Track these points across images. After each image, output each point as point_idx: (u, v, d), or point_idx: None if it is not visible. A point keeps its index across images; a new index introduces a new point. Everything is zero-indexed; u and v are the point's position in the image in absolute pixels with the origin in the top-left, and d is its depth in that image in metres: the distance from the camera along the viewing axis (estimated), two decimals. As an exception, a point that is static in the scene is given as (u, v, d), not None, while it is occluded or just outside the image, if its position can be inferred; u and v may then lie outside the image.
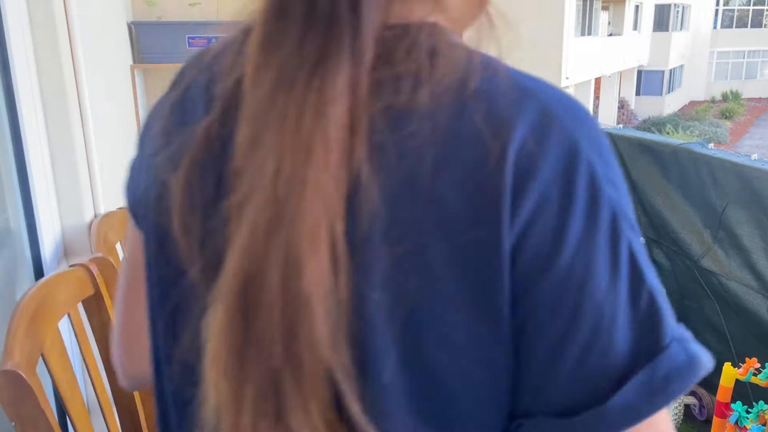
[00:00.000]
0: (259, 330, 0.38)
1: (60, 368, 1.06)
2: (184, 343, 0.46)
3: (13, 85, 1.46)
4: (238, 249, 0.39)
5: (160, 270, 0.50)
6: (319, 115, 0.38)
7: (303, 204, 0.37)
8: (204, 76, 0.52)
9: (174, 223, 0.45)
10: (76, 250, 1.68)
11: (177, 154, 0.47)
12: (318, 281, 0.37)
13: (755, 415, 1.76)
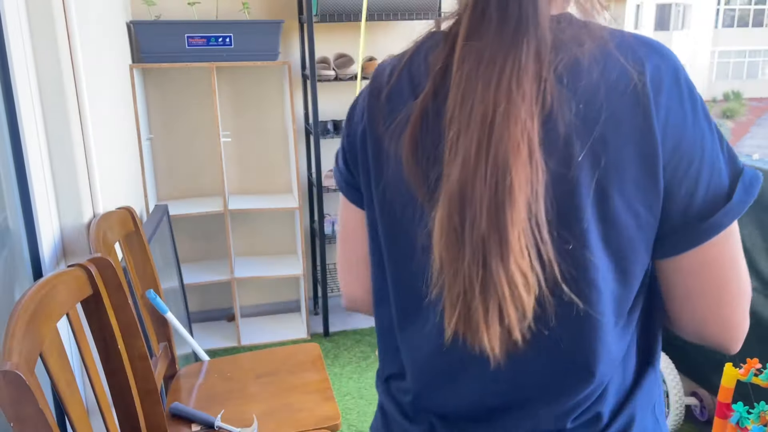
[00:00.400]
0: (474, 210, 0.60)
1: (59, 368, 1.06)
2: (412, 251, 0.69)
3: (13, 85, 1.46)
4: (457, 164, 0.60)
5: (389, 204, 0.71)
6: (517, 74, 0.59)
7: (507, 130, 0.58)
8: (406, 72, 0.71)
9: (405, 164, 0.67)
10: (75, 251, 1.68)
11: (401, 123, 0.68)
12: (522, 175, 0.58)
13: (756, 416, 1.75)
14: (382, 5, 2.87)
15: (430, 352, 0.73)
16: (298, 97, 3.15)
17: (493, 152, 0.59)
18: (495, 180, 0.59)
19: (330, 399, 1.73)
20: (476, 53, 0.61)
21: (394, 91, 0.71)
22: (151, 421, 1.44)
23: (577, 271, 0.62)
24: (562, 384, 0.68)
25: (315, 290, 3.42)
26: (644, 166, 0.61)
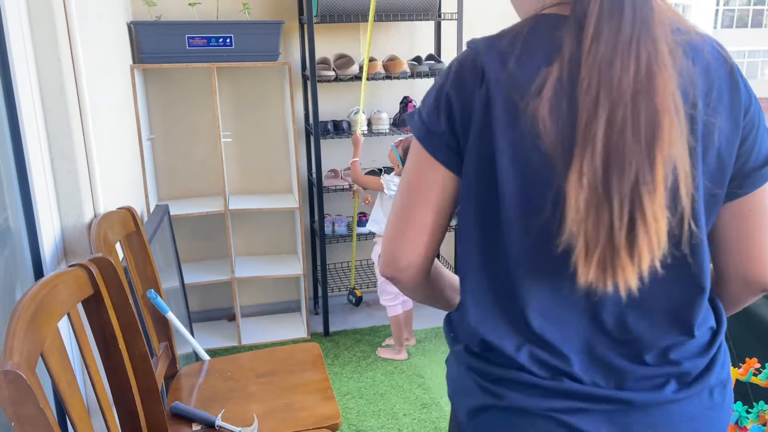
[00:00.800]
0: (622, 163, 0.73)
1: (60, 368, 1.06)
2: (544, 208, 0.78)
3: (14, 85, 1.46)
4: (601, 124, 0.73)
5: (521, 164, 0.79)
6: (654, 48, 0.74)
7: (654, 91, 0.73)
8: (532, 45, 0.80)
9: (543, 125, 0.76)
10: (76, 250, 1.68)
11: (537, 88, 0.77)
12: (669, 128, 0.73)
13: (755, 416, 1.76)
14: (382, 5, 2.88)
15: (563, 299, 0.83)
16: (299, 97, 3.16)
17: (643, 109, 0.73)
18: (644, 134, 0.73)
19: (330, 398, 1.73)
20: (612, 31, 0.75)
21: (525, 61, 0.79)
22: (151, 421, 1.45)
23: (695, 206, 0.79)
24: (688, 302, 0.83)
25: (315, 290, 3.42)
26: (732, 126, 0.81)
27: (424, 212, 0.86)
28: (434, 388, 2.67)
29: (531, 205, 0.80)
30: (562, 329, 0.83)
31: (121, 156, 2.30)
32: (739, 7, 29.74)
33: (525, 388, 0.83)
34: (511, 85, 0.78)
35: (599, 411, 0.81)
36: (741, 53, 29.36)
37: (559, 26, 0.80)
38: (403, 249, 0.88)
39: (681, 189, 0.75)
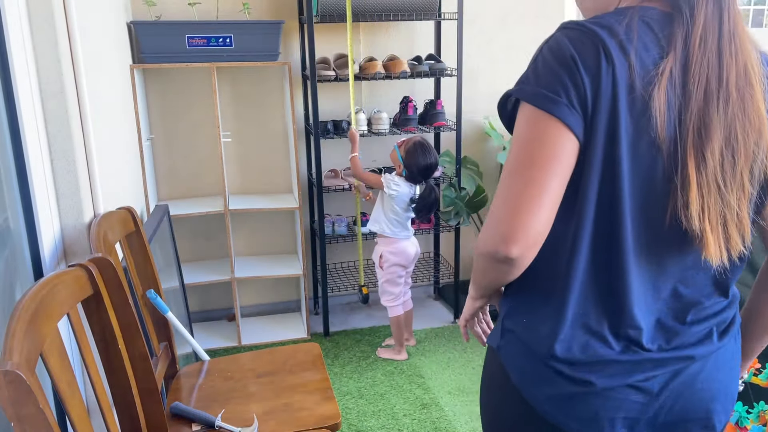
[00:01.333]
0: (733, 148, 0.86)
1: (59, 368, 1.06)
2: (655, 182, 0.88)
3: (13, 85, 1.46)
4: (720, 112, 0.85)
5: (633, 147, 0.86)
6: (747, 52, 0.87)
7: (753, 86, 0.86)
8: (643, 35, 0.87)
9: (658, 113, 0.84)
10: (76, 251, 1.68)
11: (654, 75, 0.85)
12: (764, 120, 0.87)
13: (756, 416, 1.76)
14: (382, 5, 2.88)
15: (660, 268, 0.93)
16: (299, 97, 3.16)
17: (748, 106, 0.86)
18: (747, 128, 0.86)
19: (330, 398, 1.73)
20: (715, 34, 0.86)
21: (639, 50, 0.86)
22: (151, 421, 1.45)
23: (762, 197, 0.94)
24: (731, 270, 0.96)
25: (315, 290, 3.42)
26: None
27: (557, 179, 0.85)
28: (434, 388, 2.67)
29: (639, 187, 0.88)
30: (641, 305, 0.93)
31: (121, 156, 2.30)
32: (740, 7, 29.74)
33: (607, 366, 0.92)
34: (633, 72, 0.84)
35: (668, 371, 0.94)
36: (741, 53, 29.35)
37: (667, 21, 0.88)
38: (537, 218, 0.84)
39: (763, 175, 0.90)
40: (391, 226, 2.76)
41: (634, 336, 0.93)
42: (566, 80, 0.84)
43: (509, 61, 3.41)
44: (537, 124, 0.85)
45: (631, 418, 0.94)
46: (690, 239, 0.89)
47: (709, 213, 0.86)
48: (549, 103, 0.84)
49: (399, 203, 2.71)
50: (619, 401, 0.93)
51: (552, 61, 0.86)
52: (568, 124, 0.84)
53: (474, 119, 3.44)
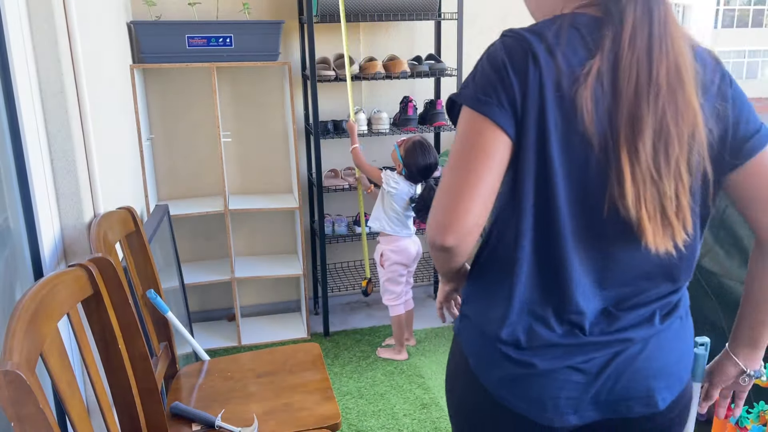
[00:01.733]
0: (669, 143, 0.91)
1: (59, 368, 1.06)
2: (588, 175, 0.93)
3: (13, 85, 1.46)
4: (650, 110, 0.90)
5: (564, 143, 0.92)
6: (681, 49, 0.92)
7: (684, 81, 0.91)
8: (572, 39, 0.93)
9: (585, 110, 0.89)
10: (76, 250, 1.68)
11: (582, 76, 0.90)
12: (695, 112, 0.92)
13: (756, 416, 1.76)
14: (382, 5, 2.88)
15: (598, 256, 0.98)
16: (299, 97, 3.16)
17: (678, 100, 0.91)
18: (680, 120, 0.91)
19: (330, 398, 1.73)
20: (645, 33, 0.91)
21: (567, 53, 0.92)
22: (151, 421, 1.45)
23: (706, 179, 0.98)
24: (689, 266, 1.03)
25: (315, 290, 3.42)
26: (723, 110, 0.97)
27: (491, 175, 0.92)
28: (434, 388, 2.67)
29: (574, 181, 0.94)
30: (585, 292, 0.98)
31: (121, 156, 2.30)
32: (739, 7, 29.73)
33: (549, 350, 0.99)
34: (559, 73, 0.91)
35: (608, 353, 0.99)
36: (741, 53, 29.34)
37: (596, 25, 0.94)
38: (471, 209, 0.92)
39: (702, 164, 0.94)
40: (392, 224, 2.76)
41: (576, 321, 0.98)
42: (497, 84, 0.92)
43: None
44: (473, 124, 0.93)
45: (573, 397, 1.00)
46: (631, 228, 0.93)
47: (645, 202, 0.91)
48: (482, 106, 0.92)
49: (398, 201, 2.72)
50: (561, 382, 0.99)
51: (487, 67, 0.94)
52: (499, 124, 0.92)
53: (474, 119, 3.43)
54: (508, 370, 1.00)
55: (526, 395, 1.00)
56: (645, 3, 0.92)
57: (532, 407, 1.00)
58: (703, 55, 0.97)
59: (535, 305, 0.99)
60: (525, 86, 0.91)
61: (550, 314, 0.99)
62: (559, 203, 0.94)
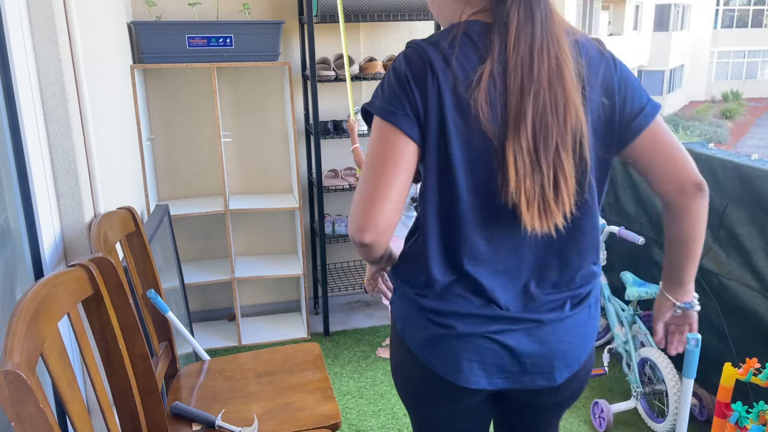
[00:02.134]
0: (548, 135, 1.01)
1: (60, 368, 1.06)
2: (491, 171, 1.04)
3: (14, 85, 1.46)
4: (530, 106, 1.00)
5: (466, 140, 1.04)
6: (561, 48, 1.02)
7: (564, 77, 1.01)
8: (465, 47, 1.04)
9: (480, 110, 1.01)
10: (76, 250, 1.68)
11: (476, 80, 1.01)
12: (575, 104, 1.02)
13: (755, 416, 1.76)
14: (382, 5, 2.88)
15: (495, 245, 1.10)
16: (299, 97, 3.16)
17: (558, 94, 1.01)
18: (559, 113, 1.02)
19: (330, 398, 1.73)
20: (528, 35, 1.01)
21: (461, 60, 1.03)
22: (151, 421, 1.45)
23: (590, 162, 1.07)
24: (588, 250, 1.15)
25: (315, 290, 3.42)
26: (609, 96, 1.08)
27: (400, 177, 1.03)
28: (434, 388, 2.67)
29: (475, 173, 1.06)
30: (491, 269, 1.11)
31: (121, 156, 2.30)
32: (739, 7, 29.72)
33: (467, 318, 1.10)
34: (455, 79, 1.02)
35: (520, 329, 1.12)
36: (741, 53, 29.34)
37: (486, 31, 1.04)
38: (383, 210, 1.03)
39: (584, 151, 1.05)
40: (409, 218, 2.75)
41: (491, 297, 1.11)
42: (402, 96, 1.04)
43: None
44: (382, 132, 1.05)
45: (486, 363, 1.12)
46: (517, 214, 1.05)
47: (525, 189, 1.02)
48: (390, 115, 1.04)
49: None
50: (477, 347, 1.11)
51: (393, 80, 1.06)
52: (405, 131, 1.03)
53: (474, 119, 3.43)
54: (430, 331, 1.12)
55: (443, 355, 1.12)
56: (527, 6, 1.01)
57: (449, 367, 1.12)
58: (587, 48, 1.07)
59: (451, 282, 1.11)
60: (425, 96, 1.03)
61: (463, 289, 1.11)
62: (459, 194, 1.06)
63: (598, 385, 2.67)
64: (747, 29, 29.59)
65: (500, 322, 1.11)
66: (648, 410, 2.38)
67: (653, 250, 2.54)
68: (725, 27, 29.76)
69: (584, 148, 1.04)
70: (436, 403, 1.20)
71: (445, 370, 1.13)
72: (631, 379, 2.37)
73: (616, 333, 2.45)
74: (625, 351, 2.42)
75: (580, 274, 1.14)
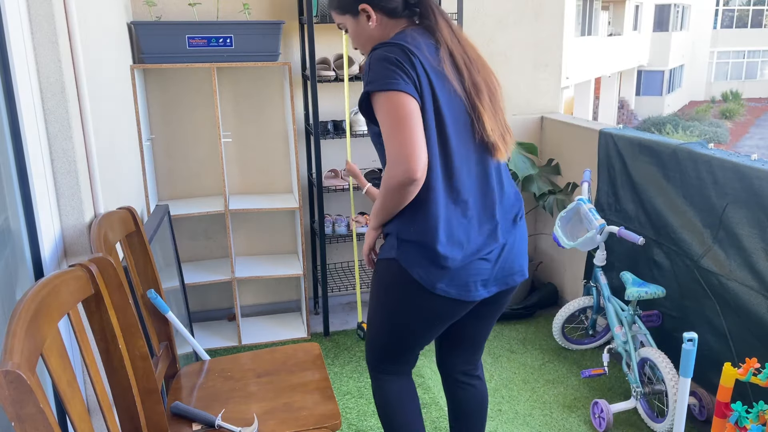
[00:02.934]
0: (496, 104, 1.56)
1: (60, 368, 1.06)
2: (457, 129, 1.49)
3: (14, 85, 1.46)
4: (482, 83, 1.52)
5: (448, 100, 1.47)
6: (468, 41, 1.57)
7: (482, 59, 1.57)
8: (421, 44, 1.47)
9: (451, 78, 1.48)
10: (76, 250, 1.68)
11: (440, 63, 1.47)
12: (493, 73, 1.59)
13: (755, 415, 1.76)
14: (382, 6, 2.87)
15: (476, 174, 1.52)
16: (299, 97, 3.16)
17: (485, 67, 1.54)
18: (491, 80, 1.54)
19: (330, 398, 1.73)
20: (448, 30, 1.52)
21: (424, 48, 1.46)
22: (152, 421, 1.45)
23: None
24: (510, 177, 1.63)
25: (315, 290, 3.43)
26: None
27: (418, 127, 1.39)
28: (434, 387, 2.67)
29: (457, 123, 1.48)
30: (477, 199, 1.51)
31: (121, 156, 2.30)
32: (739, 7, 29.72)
33: (467, 248, 1.49)
34: (427, 58, 1.44)
35: (499, 245, 1.54)
36: (740, 53, 29.34)
37: (423, 32, 1.50)
38: (422, 152, 1.38)
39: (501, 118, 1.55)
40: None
41: (482, 223, 1.52)
42: (397, 71, 1.39)
43: (509, 61, 3.42)
44: (391, 99, 1.38)
45: (484, 278, 1.53)
46: (487, 148, 1.52)
47: (494, 131, 1.50)
48: (393, 85, 1.37)
49: None
50: (476, 269, 1.51)
51: (384, 64, 1.39)
52: (409, 93, 1.39)
53: (474, 119, 3.44)
54: (445, 272, 1.47)
55: (456, 284, 1.49)
56: (439, 14, 1.51)
57: (461, 291, 1.50)
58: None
59: (451, 215, 1.47)
60: (414, 69, 1.40)
61: (462, 216, 1.49)
62: (450, 138, 1.46)
63: (597, 385, 2.67)
64: (747, 29, 29.59)
65: (490, 245, 1.52)
66: (648, 410, 2.38)
67: (653, 250, 2.54)
68: (725, 27, 29.76)
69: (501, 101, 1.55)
70: (436, 322, 1.57)
71: (459, 293, 1.50)
72: (631, 379, 2.37)
73: (616, 333, 2.45)
74: (625, 351, 2.42)
75: (514, 194, 1.60)
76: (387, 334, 1.62)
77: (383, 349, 1.66)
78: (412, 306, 1.53)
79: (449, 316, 1.56)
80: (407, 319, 1.57)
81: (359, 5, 1.51)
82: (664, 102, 24.69)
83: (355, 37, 1.56)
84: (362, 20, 1.52)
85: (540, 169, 3.35)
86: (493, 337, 3.11)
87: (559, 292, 3.43)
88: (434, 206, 1.44)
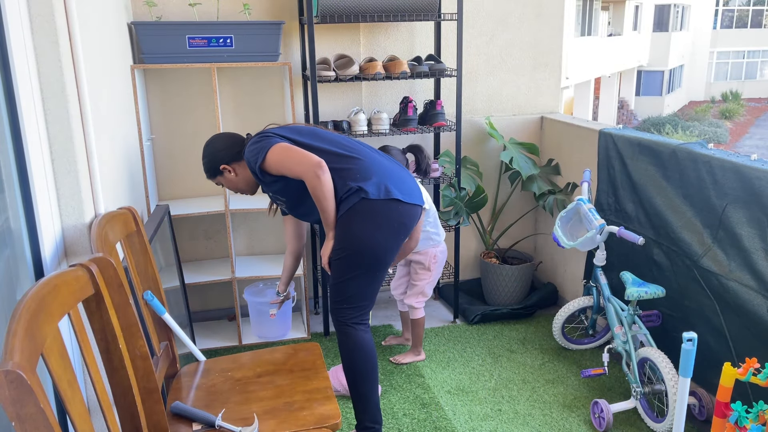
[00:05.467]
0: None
1: (60, 368, 1.06)
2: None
3: (14, 86, 1.46)
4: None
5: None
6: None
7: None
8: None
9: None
10: (77, 250, 1.68)
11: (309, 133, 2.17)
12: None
13: (755, 415, 1.76)
14: (382, 6, 2.88)
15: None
16: (299, 97, 3.16)
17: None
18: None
19: (330, 398, 1.73)
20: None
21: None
22: (152, 421, 1.45)
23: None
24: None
25: (315, 290, 3.43)
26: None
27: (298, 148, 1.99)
28: (434, 387, 2.68)
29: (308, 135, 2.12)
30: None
31: (121, 156, 2.30)
32: (739, 7, 29.73)
33: (401, 195, 2.05)
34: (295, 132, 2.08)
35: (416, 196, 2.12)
36: (740, 53, 29.35)
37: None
38: (313, 156, 1.94)
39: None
40: (437, 228, 2.76)
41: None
42: (276, 136, 2.01)
43: (509, 61, 3.42)
44: (280, 146, 1.96)
45: (417, 194, 2.12)
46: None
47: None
48: (278, 140, 1.99)
49: (431, 213, 2.72)
50: (414, 187, 2.14)
51: (252, 147, 2.03)
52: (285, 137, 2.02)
53: (473, 119, 3.44)
54: (399, 192, 2.05)
55: (410, 195, 2.07)
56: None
57: (414, 198, 2.08)
58: None
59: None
60: (298, 133, 2.06)
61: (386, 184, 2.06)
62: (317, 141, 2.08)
63: (597, 385, 2.67)
64: (746, 29, 29.60)
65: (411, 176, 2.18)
66: (648, 410, 2.38)
67: (653, 250, 2.54)
68: (725, 27, 29.76)
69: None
70: (402, 235, 2.08)
71: (412, 198, 2.08)
72: (631, 379, 2.38)
73: (616, 333, 2.45)
74: (625, 351, 2.42)
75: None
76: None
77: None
78: (391, 220, 2.07)
79: (411, 227, 2.12)
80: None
81: (220, 167, 2.11)
82: (664, 102, 24.69)
83: (234, 187, 2.16)
84: (229, 175, 2.12)
85: (540, 169, 3.35)
86: (493, 337, 3.12)
87: (559, 292, 3.43)
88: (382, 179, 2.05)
